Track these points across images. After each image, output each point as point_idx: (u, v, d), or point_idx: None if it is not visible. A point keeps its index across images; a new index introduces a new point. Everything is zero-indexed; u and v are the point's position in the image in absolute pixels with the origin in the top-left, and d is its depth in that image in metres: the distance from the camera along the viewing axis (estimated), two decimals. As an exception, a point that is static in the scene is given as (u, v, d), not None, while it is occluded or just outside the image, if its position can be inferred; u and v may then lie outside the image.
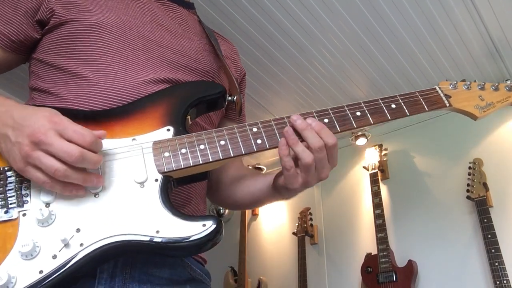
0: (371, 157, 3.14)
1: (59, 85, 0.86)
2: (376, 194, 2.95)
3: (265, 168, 3.92)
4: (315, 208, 3.45)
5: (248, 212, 3.82)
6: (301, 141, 0.78)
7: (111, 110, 0.81)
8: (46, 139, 0.65)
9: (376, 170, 3.06)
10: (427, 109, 0.87)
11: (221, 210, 4.00)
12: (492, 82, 0.96)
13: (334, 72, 2.87)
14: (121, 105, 0.82)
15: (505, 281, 2.29)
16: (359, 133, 3.29)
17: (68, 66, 0.87)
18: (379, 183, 3.00)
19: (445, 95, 0.90)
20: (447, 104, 0.89)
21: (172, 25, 0.99)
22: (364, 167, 3.16)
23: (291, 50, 2.68)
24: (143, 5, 0.99)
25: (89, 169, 0.70)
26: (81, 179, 0.68)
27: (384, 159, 3.16)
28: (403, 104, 0.86)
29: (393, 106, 0.86)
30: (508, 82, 0.97)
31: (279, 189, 0.87)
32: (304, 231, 3.29)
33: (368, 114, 0.84)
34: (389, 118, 0.85)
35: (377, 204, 2.91)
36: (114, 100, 0.83)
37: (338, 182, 3.44)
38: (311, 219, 3.37)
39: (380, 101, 0.86)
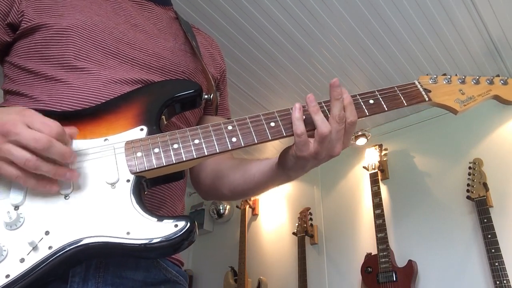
0: (371, 157, 3.14)
1: (33, 87, 0.85)
2: (376, 194, 2.95)
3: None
4: (315, 208, 3.45)
5: (248, 212, 3.82)
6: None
7: (83, 111, 0.80)
8: (15, 129, 0.64)
9: (376, 170, 3.05)
10: (406, 104, 0.86)
11: (221, 210, 4.00)
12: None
13: (334, 72, 2.87)
14: (94, 105, 0.81)
15: (505, 281, 2.29)
16: (359, 133, 3.29)
17: (42, 70, 0.86)
18: (379, 183, 3.00)
19: (425, 89, 0.89)
20: (427, 99, 0.88)
21: (147, 26, 0.98)
22: (364, 167, 3.16)
23: (291, 50, 2.68)
24: (116, 5, 0.97)
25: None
26: (52, 171, 0.66)
27: (384, 159, 3.16)
28: (381, 99, 0.85)
29: (371, 101, 0.84)
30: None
31: (287, 162, 0.83)
32: (304, 231, 3.29)
33: None
34: (367, 113, 0.83)
35: (377, 204, 2.90)
36: (88, 100, 0.82)
37: (338, 182, 3.44)
38: (311, 219, 3.37)
39: (358, 96, 0.84)
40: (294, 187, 3.73)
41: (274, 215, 3.74)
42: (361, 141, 3.30)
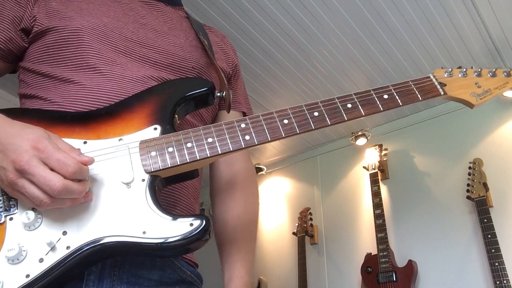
0: (371, 157, 3.14)
1: (47, 90, 0.86)
2: (376, 194, 2.95)
3: (265, 168, 3.92)
4: (315, 208, 3.45)
5: (248, 212, 3.81)
6: None
7: (98, 111, 0.80)
8: (29, 168, 0.64)
9: (376, 170, 3.05)
10: (420, 98, 0.85)
11: (221, 210, 4.00)
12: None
13: (334, 72, 2.87)
14: (108, 105, 0.81)
15: (505, 281, 2.29)
16: (359, 133, 3.29)
17: (55, 73, 0.87)
18: (379, 183, 3.00)
19: (440, 83, 0.87)
20: (442, 93, 0.86)
21: (156, 24, 0.98)
22: (364, 167, 3.16)
23: (291, 50, 2.68)
24: (125, 5, 0.98)
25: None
26: (68, 203, 0.67)
27: (384, 159, 3.15)
28: (395, 94, 0.84)
29: (385, 96, 0.84)
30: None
31: None
32: (304, 231, 3.29)
33: (360, 106, 0.82)
34: (381, 109, 0.83)
35: (377, 204, 2.90)
36: (101, 100, 0.82)
37: (338, 182, 3.44)
38: (311, 219, 3.37)
39: (372, 92, 0.84)
40: (294, 187, 3.73)
41: (274, 215, 3.74)
42: (361, 141, 3.30)
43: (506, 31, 2.51)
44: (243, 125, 0.78)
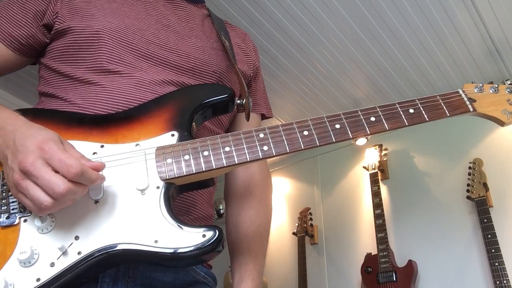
0: (371, 157, 3.14)
1: (67, 90, 0.86)
2: (376, 194, 2.95)
3: (265, 168, 3.91)
4: (315, 208, 3.45)
5: (248, 212, 3.81)
6: None
7: (116, 114, 0.80)
8: (34, 170, 0.63)
9: (376, 170, 3.05)
10: (448, 114, 0.80)
11: (222, 210, 4.00)
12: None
13: (334, 72, 2.87)
14: (126, 108, 0.81)
15: (505, 281, 2.29)
16: (359, 133, 3.29)
17: (75, 73, 0.87)
18: (379, 183, 3.00)
19: (469, 99, 0.83)
20: (471, 109, 0.82)
21: (179, 25, 0.97)
22: (364, 167, 3.16)
23: (291, 50, 2.68)
24: (148, 4, 0.97)
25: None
26: (69, 203, 0.66)
27: (384, 159, 3.16)
28: (422, 109, 0.80)
29: (411, 110, 0.80)
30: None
31: None
32: (304, 231, 3.29)
33: (384, 120, 0.79)
34: (406, 124, 0.79)
35: (377, 204, 2.91)
36: (120, 103, 0.82)
37: (338, 182, 3.44)
38: (311, 219, 3.37)
39: (397, 105, 0.80)
40: (294, 187, 3.73)
41: (274, 215, 3.72)
42: (361, 141, 3.30)
43: (506, 31, 2.51)
44: (261, 135, 0.76)
